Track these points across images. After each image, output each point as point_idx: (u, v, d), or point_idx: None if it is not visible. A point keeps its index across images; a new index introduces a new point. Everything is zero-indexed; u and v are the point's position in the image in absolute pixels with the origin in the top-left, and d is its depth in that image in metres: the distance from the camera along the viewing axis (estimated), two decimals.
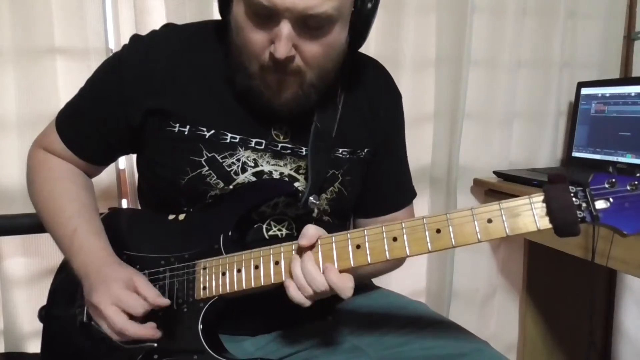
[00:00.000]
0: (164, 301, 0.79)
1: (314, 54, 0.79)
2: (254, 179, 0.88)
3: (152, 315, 0.80)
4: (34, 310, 0.95)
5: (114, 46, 1.33)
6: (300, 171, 0.90)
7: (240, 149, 0.88)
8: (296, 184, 0.89)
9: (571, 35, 1.76)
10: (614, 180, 0.67)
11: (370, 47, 1.55)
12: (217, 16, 0.89)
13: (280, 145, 0.90)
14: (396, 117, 1.03)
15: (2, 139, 1.27)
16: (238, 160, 0.87)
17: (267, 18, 0.76)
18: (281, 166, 0.89)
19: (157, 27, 0.95)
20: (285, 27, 0.75)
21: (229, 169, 0.87)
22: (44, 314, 0.93)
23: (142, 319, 0.80)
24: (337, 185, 0.92)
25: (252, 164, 0.88)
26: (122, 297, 0.77)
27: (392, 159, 1.03)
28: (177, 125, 0.87)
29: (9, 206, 1.27)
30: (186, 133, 0.87)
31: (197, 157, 0.86)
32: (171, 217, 0.90)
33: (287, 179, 0.90)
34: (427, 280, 1.76)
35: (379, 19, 1.55)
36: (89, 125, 0.92)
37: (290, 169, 0.90)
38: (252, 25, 0.78)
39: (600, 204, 0.67)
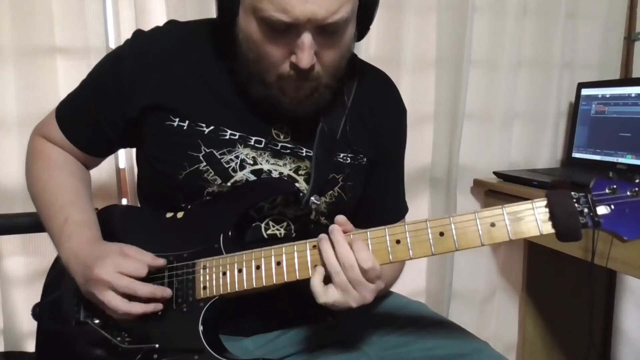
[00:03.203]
0: (161, 261, 0.81)
1: (331, 57, 0.80)
2: (252, 176, 0.87)
3: (151, 314, 0.80)
4: None
5: (115, 45, 1.33)
6: (300, 172, 0.90)
7: (239, 146, 0.87)
8: (295, 185, 0.89)
9: (571, 35, 1.76)
10: (615, 186, 0.69)
11: (370, 47, 1.56)
12: None
13: (280, 144, 0.89)
14: (399, 132, 1.03)
15: (2, 138, 1.27)
16: (237, 157, 0.87)
17: (286, 31, 0.75)
18: (280, 166, 0.89)
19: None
20: (307, 38, 0.75)
21: (226, 166, 0.87)
22: (38, 312, 0.92)
23: (136, 325, 0.80)
24: (337, 190, 0.92)
25: (251, 162, 0.88)
26: (122, 264, 0.78)
27: (389, 173, 1.02)
28: (177, 120, 0.87)
29: (8, 205, 1.27)
30: (185, 128, 0.87)
31: (194, 153, 0.86)
32: (169, 215, 0.89)
33: (286, 179, 0.89)
34: (427, 281, 1.76)
35: (380, 19, 1.56)
36: (87, 117, 0.93)
37: (290, 169, 0.90)
38: (268, 40, 0.77)
39: (601, 210, 0.69)
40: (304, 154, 0.90)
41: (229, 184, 0.87)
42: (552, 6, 1.70)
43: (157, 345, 0.80)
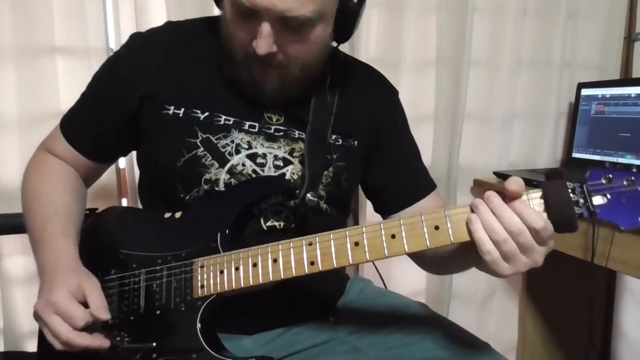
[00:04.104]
0: (105, 316, 0.75)
1: (296, 50, 0.82)
2: (248, 160, 0.89)
3: (147, 315, 0.80)
4: None
5: (115, 46, 1.34)
6: (295, 154, 0.91)
7: (234, 131, 0.89)
8: (290, 167, 0.90)
9: (571, 35, 1.76)
10: (610, 176, 0.68)
11: (370, 48, 1.56)
12: (217, 14, 0.91)
13: (273, 127, 0.91)
14: (394, 113, 1.03)
15: (2, 138, 1.27)
16: (232, 141, 0.89)
17: (249, 16, 0.78)
18: (275, 149, 0.91)
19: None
20: (265, 27, 0.78)
21: (223, 150, 0.88)
22: None
23: (134, 324, 0.80)
24: (330, 170, 0.93)
25: (246, 146, 0.89)
26: (62, 306, 0.74)
27: (400, 152, 1.02)
28: (172, 107, 0.89)
29: (9, 205, 1.27)
30: (181, 115, 0.89)
31: (192, 139, 0.88)
32: (167, 215, 0.89)
33: (281, 161, 0.90)
34: (427, 281, 1.76)
35: (380, 19, 1.56)
36: (89, 121, 0.94)
37: (285, 152, 0.91)
38: (236, 22, 0.81)
39: (597, 200, 0.68)
40: (297, 136, 0.92)
41: (225, 168, 0.88)
42: (552, 6, 1.71)
43: (155, 345, 0.80)
